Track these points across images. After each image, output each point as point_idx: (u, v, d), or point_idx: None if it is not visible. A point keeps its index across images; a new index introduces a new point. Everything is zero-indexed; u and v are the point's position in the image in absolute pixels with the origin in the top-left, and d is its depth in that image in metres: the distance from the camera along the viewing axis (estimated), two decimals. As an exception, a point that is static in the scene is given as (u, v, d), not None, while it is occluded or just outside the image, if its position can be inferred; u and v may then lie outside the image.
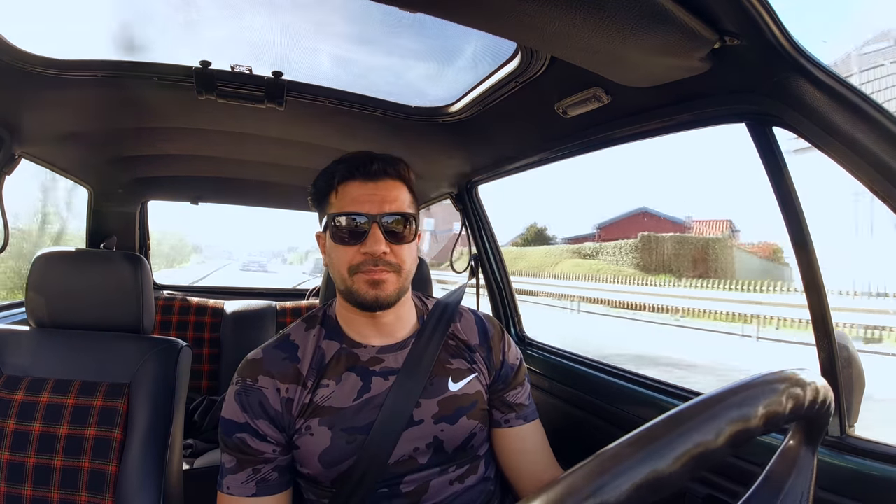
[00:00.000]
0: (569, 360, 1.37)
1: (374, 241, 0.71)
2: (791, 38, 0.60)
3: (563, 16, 0.60)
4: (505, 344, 0.87)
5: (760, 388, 0.33)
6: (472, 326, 0.86)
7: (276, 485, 0.73)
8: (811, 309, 0.73)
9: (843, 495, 0.67)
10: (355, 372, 0.76)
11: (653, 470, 0.27)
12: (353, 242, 0.73)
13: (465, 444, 0.78)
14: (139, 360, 0.96)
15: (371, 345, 0.79)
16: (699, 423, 0.29)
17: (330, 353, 0.78)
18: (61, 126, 1.27)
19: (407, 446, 0.75)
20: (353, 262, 0.73)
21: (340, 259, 0.74)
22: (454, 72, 1.09)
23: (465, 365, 0.82)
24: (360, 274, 0.73)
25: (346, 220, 0.73)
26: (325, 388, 0.75)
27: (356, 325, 0.80)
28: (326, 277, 1.20)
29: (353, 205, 0.73)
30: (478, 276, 1.65)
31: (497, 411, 0.84)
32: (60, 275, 0.98)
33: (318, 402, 0.74)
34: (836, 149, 0.62)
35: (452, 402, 0.78)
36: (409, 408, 0.75)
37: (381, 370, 0.77)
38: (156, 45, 1.01)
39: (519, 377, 0.87)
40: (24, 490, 0.87)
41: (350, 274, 0.73)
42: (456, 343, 0.84)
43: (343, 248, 0.73)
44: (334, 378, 0.76)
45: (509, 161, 1.37)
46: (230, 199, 2.37)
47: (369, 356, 0.78)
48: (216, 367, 1.86)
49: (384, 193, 0.74)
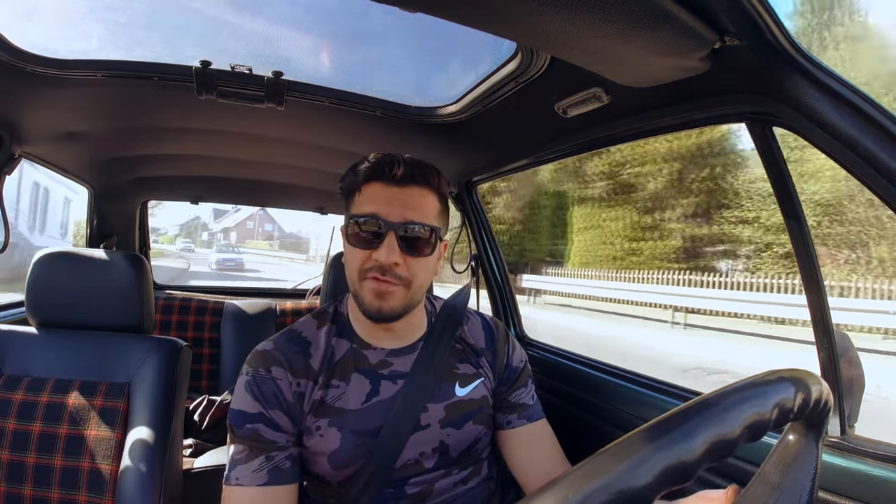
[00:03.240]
0: (569, 359, 1.37)
1: (387, 251, 0.68)
2: (791, 38, 0.60)
3: (563, 16, 0.60)
4: (510, 347, 0.87)
5: (761, 389, 0.33)
6: (478, 330, 0.86)
7: (288, 475, 0.70)
8: (811, 309, 0.73)
9: (844, 495, 0.67)
10: (364, 374, 0.76)
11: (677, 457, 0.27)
12: (366, 247, 0.70)
13: (469, 448, 0.78)
14: (139, 360, 0.96)
15: (381, 347, 0.78)
16: (722, 410, 0.30)
17: (340, 352, 0.77)
18: (61, 126, 1.27)
19: (413, 450, 0.74)
20: (363, 267, 0.71)
21: (352, 261, 0.72)
22: (454, 72, 1.09)
23: (472, 370, 0.82)
24: (367, 280, 0.70)
25: (362, 223, 0.70)
26: (336, 388, 0.74)
27: (367, 326, 0.78)
28: (327, 277, 1.20)
29: (374, 207, 0.70)
30: (478, 276, 1.65)
31: (500, 413, 0.84)
32: (61, 275, 0.98)
33: (329, 401, 0.73)
34: (836, 148, 0.62)
35: (459, 407, 0.78)
36: (416, 412, 0.74)
37: (390, 373, 0.76)
38: (156, 45, 1.01)
39: (522, 378, 0.86)
40: (24, 490, 0.87)
41: (359, 278, 0.71)
42: (463, 347, 0.83)
43: (356, 250, 0.71)
44: (344, 379, 0.75)
45: (509, 161, 1.37)
46: (230, 199, 2.37)
47: (378, 359, 0.77)
48: (216, 366, 1.86)
49: (408, 200, 0.71)
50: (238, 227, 52.00)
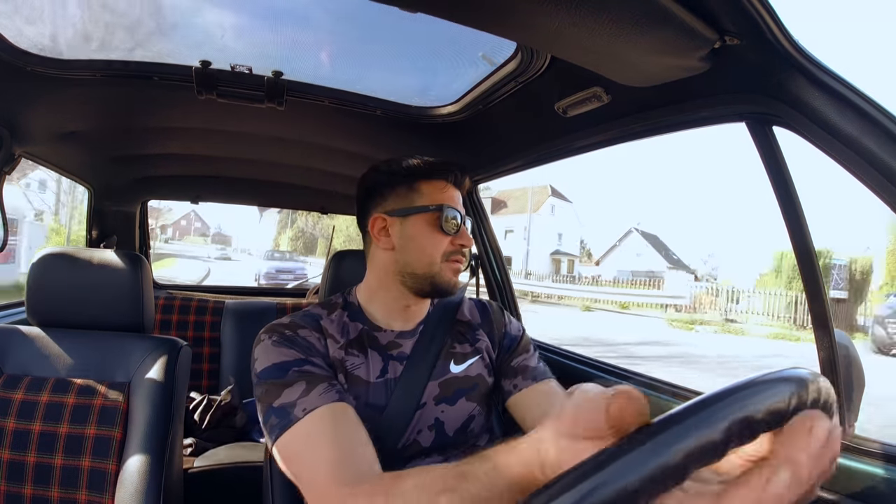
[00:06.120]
0: (569, 359, 1.37)
1: (468, 237, 0.82)
2: (791, 38, 0.60)
3: (563, 15, 0.60)
4: (506, 319, 0.93)
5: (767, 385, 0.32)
6: (473, 309, 0.92)
7: (349, 402, 0.69)
8: (811, 309, 0.73)
9: (844, 495, 0.67)
10: (377, 352, 0.80)
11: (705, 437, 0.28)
12: (452, 234, 0.80)
13: (464, 426, 0.80)
14: (139, 360, 0.96)
15: (391, 329, 0.82)
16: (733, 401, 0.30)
17: (354, 331, 0.81)
18: (61, 126, 1.27)
19: (411, 428, 0.77)
20: (447, 250, 0.80)
21: (436, 245, 0.79)
22: (454, 71, 1.09)
23: (469, 348, 0.85)
24: (449, 263, 0.80)
25: (451, 214, 0.80)
26: (356, 357, 0.77)
27: (386, 308, 0.83)
28: (326, 275, 1.20)
29: (451, 202, 0.81)
30: (478, 276, 1.65)
31: (506, 379, 0.85)
32: (61, 274, 0.98)
33: (349, 368, 0.76)
34: (837, 148, 0.62)
35: (452, 383, 0.81)
36: (418, 391, 0.78)
37: (398, 354, 0.81)
38: (156, 45, 1.01)
39: (523, 345, 0.90)
40: (24, 489, 0.87)
41: (442, 260, 0.80)
42: (460, 327, 0.87)
43: (442, 236, 0.80)
44: (362, 352, 0.78)
45: (509, 160, 1.37)
46: (230, 199, 2.37)
47: (388, 340, 0.81)
48: (216, 366, 1.86)
49: (460, 199, 0.84)
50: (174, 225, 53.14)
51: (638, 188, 69.06)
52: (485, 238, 1.63)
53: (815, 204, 30.93)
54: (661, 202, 64.65)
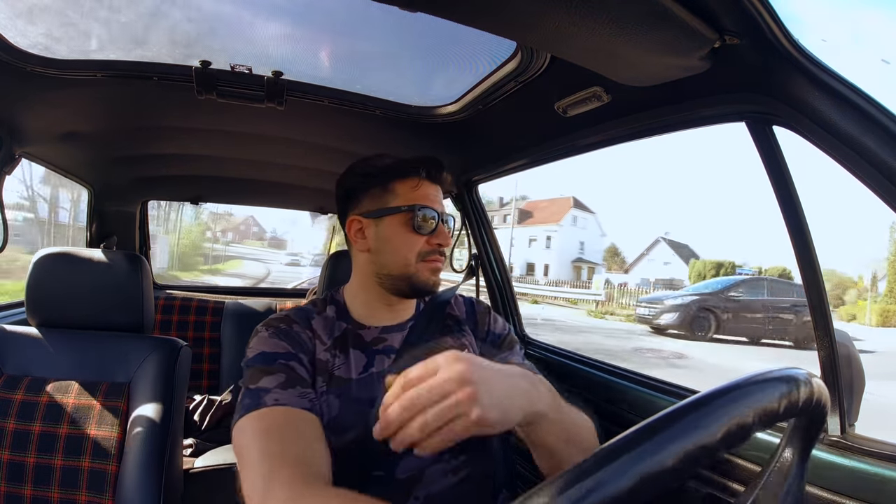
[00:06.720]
0: (569, 359, 1.37)
1: (445, 235, 0.82)
2: (791, 37, 0.60)
3: (563, 15, 0.60)
4: (491, 318, 0.94)
5: (760, 386, 0.33)
6: (461, 305, 0.94)
7: (319, 419, 0.70)
8: (811, 309, 0.73)
9: (844, 495, 0.67)
10: (361, 350, 0.81)
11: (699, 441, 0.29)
12: (427, 233, 0.81)
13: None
14: (139, 360, 0.96)
15: (375, 325, 0.83)
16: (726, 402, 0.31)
17: (339, 331, 0.82)
18: (61, 126, 1.27)
19: None
20: (422, 250, 0.81)
21: (410, 246, 0.80)
22: (454, 71, 1.09)
23: (456, 342, 0.87)
24: (426, 262, 0.81)
25: (424, 213, 0.80)
26: (338, 358, 0.79)
27: (370, 307, 0.84)
28: (324, 276, 1.20)
29: (426, 201, 0.81)
30: (477, 276, 1.65)
31: None
32: (61, 274, 0.98)
33: (331, 369, 0.77)
34: (837, 147, 0.62)
35: None
36: None
37: (384, 348, 0.82)
38: (156, 45, 1.01)
39: (507, 343, 0.91)
40: (24, 490, 0.87)
41: (417, 260, 0.81)
42: (449, 321, 0.89)
43: (416, 236, 0.80)
44: (344, 353, 0.80)
45: (509, 160, 1.37)
46: (230, 199, 2.37)
47: (373, 336, 0.82)
48: (216, 366, 1.86)
49: (437, 195, 0.84)
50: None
51: (641, 192, 69.04)
52: (485, 238, 1.63)
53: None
54: (661, 204, 64.62)
